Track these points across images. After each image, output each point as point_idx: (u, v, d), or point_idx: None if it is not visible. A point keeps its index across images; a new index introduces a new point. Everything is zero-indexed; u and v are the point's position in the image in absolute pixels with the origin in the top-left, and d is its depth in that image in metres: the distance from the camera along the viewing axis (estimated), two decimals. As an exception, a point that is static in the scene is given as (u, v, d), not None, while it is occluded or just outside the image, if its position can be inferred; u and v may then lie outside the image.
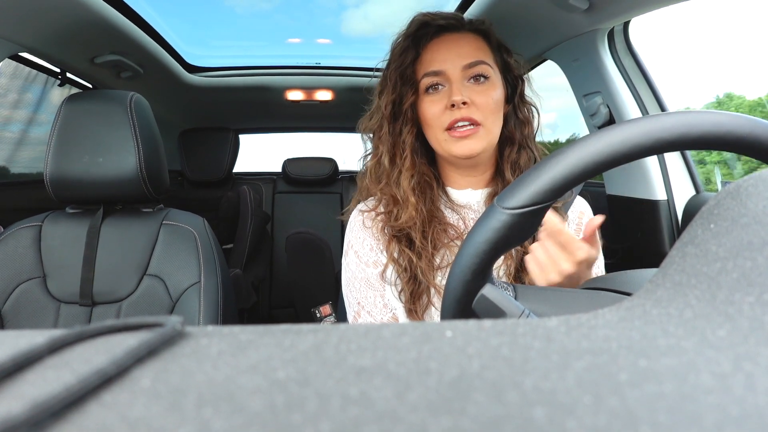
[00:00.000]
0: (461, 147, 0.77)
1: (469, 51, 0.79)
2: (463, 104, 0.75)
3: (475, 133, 0.76)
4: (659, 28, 1.37)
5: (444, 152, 0.80)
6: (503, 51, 0.84)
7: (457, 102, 0.75)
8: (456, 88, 0.76)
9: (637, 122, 0.38)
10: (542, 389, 0.15)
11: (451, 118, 0.76)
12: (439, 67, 0.78)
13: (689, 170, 1.31)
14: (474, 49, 0.79)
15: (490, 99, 0.77)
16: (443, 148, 0.79)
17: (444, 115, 0.77)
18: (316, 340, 0.19)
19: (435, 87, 0.79)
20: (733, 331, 0.18)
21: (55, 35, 1.36)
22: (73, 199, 1.20)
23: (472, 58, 0.78)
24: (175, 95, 2.30)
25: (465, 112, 0.75)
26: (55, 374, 0.16)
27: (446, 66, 0.78)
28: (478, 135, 0.76)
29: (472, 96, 0.76)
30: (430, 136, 0.81)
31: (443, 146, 0.79)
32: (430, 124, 0.79)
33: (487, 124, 0.77)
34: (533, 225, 0.41)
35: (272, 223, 2.79)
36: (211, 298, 1.14)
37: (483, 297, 0.42)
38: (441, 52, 0.79)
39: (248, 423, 0.14)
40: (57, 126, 1.14)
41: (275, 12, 2.49)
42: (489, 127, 0.78)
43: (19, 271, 1.14)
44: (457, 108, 0.76)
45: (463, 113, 0.75)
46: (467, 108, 0.76)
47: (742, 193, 0.25)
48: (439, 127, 0.78)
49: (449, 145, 0.78)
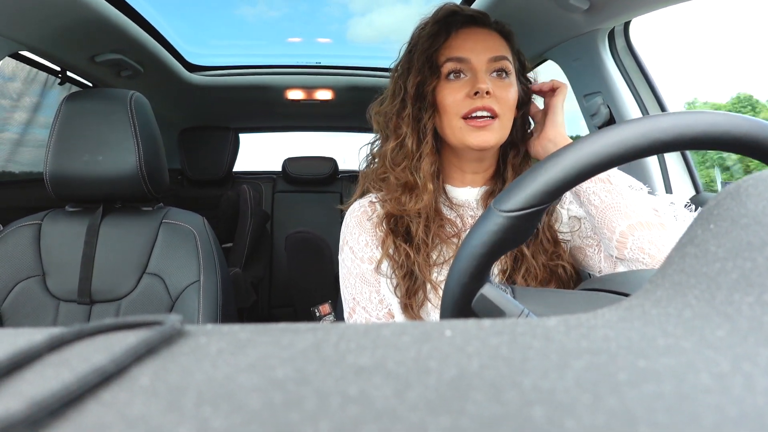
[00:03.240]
0: (476, 137, 0.76)
1: (495, 46, 0.79)
2: (486, 93, 0.75)
3: (492, 125, 0.76)
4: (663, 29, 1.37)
5: (457, 141, 0.79)
6: (522, 57, 0.86)
7: (482, 90, 0.75)
8: (481, 77, 0.77)
9: (633, 123, 0.38)
10: (541, 389, 0.15)
11: (471, 105, 0.76)
12: (466, 54, 0.78)
13: (689, 170, 1.31)
14: (499, 46, 0.80)
15: (510, 94, 0.78)
16: (457, 136, 0.78)
17: (464, 102, 0.77)
18: (315, 338, 0.19)
19: (457, 74, 0.79)
20: (733, 332, 0.18)
21: (56, 33, 1.36)
22: (73, 198, 1.20)
23: (498, 53, 0.79)
24: (176, 94, 2.29)
25: (487, 102, 0.76)
26: (54, 372, 0.16)
27: (472, 55, 0.78)
28: (494, 127, 0.77)
29: (494, 87, 0.77)
30: (444, 123, 0.80)
31: (457, 134, 0.78)
32: (447, 111, 0.79)
33: (504, 119, 0.78)
34: (530, 227, 0.41)
35: (272, 223, 2.79)
36: (211, 296, 1.14)
37: (482, 296, 0.42)
38: (468, 41, 0.79)
39: (247, 421, 0.14)
40: (57, 124, 1.14)
41: (283, 20, 2.50)
42: (504, 122, 0.78)
43: (18, 270, 1.14)
44: (480, 97, 0.76)
45: (485, 102, 0.76)
46: (489, 98, 0.76)
47: (742, 194, 0.25)
48: (457, 114, 0.77)
49: (464, 134, 0.77)
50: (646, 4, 1.08)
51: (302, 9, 2.45)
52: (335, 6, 2.36)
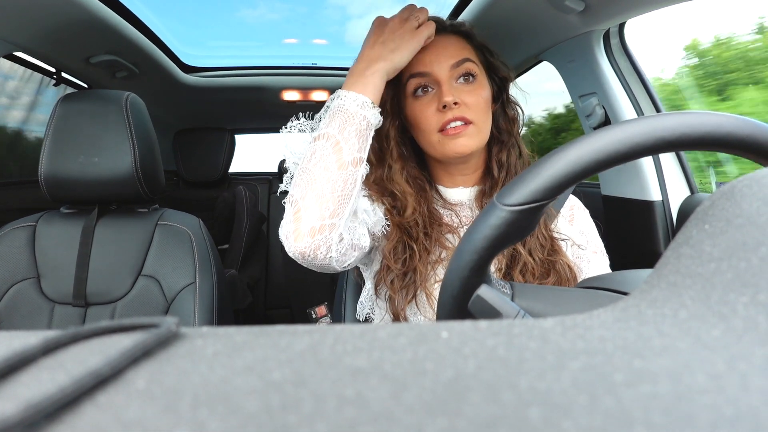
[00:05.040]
0: (455, 145, 0.77)
1: (455, 51, 0.79)
2: (454, 104, 0.75)
3: (467, 130, 0.76)
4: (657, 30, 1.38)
5: (438, 154, 0.80)
6: (486, 52, 0.85)
7: (448, 103, 0.75)
8: (446, 89, 0.76)
9: (638, 121, 0.38)
10: (538, 390, 0.15)
11: (443, 119, 0.76)
12: (427, 68, 0.78)
13: (684, 171, 1.32)
14: (459, 49, 0.80)
15: (479, 98, 0.78)
16: (437, 150, 0.79)
17: (435, 117, 0.77)
18: (312, 340, 0.19)
19: (424, 89, 0.79)
20: (728, 332, 0.18)
21: (50, 35, 1.35)
22: (68, 199, 1.20)
23: (458, 57, 0.78)
24: (171, 95, 2.29)
25: (457, 112, 0.76)
26: (50, 375, 0.16)
27: (433, 67, 0.78)
28: (469, 132, 0.77)
29: (461, 96, 0.77)
30: (422, 140, 0.81)
31: (437, 148, 0.79)
32: (422, 129, 0.79)
33: (479, 123, 0.78)
34: (532, 222, 0.41)
35: (268, 224, 2.79)
36: (207, 298, 1.14)
37: (479, 297, 0.42)
38: (427, 53, 0.78)
39: (244, 424, 0.14)
40: (52, 126, 1.13)
41: (281, 21, 2.50)
42: (480, 125, 0.78)
43: (13, 272, 1.13)
44: (449, 109, 0.76)
45: (455, 113, 0.76)
46: (458, 108, 0.76)
47: (736, 194, 0.25)
48: (432, 130, 0.78)
49: (442, 146, 0.78)
50: (641, 6, 1.09)
51: (301, 11, 2.44)
52: (334, 8, 2.36)
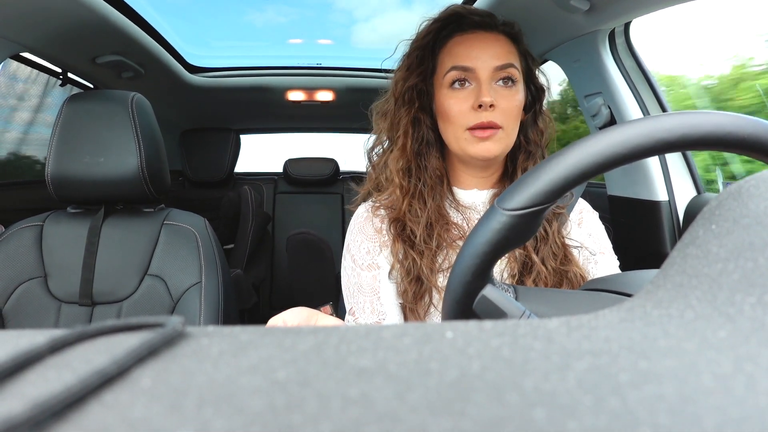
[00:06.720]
0: (479, 148, 0.75)
1: (501, 52, 0.76)
2: (490, 107, 0.74)
3: (495, 135, 0.75)
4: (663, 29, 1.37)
5: (460, 150, 0.78)
6: (529, 58, 0.83)
7: (485, 103, 0.73)
8: (485, 89, 0.74)
9: (637, 123, 0.38)
10: (543, 390, 0.15)
11: (477, 119, 0.74)
12: (471, 63, 0.76)
13: (690, 171, 1.31)
14: (506, 52, 0.77)
15: (514, 104, 0.76)
16: (460, 146, 0.77)
17: (470, 115, 0.75)
18: (317, 340, 0.19)
19: (462, 82, 0.77)
20: (734, 332, 0.18)
21: (57, 35, 1.36)
22: (75, 199, 1.20)
23: (504, 60, 0.76)
24: (177, 95, 2.30)
25: (490, 116, 0.74)
26: (56, 374, 0.16)
27: (478, 64, 0.75)
28: (497, 137, 0.75)
29: (498, 99, 0.75)
30: (447, 132, 0.79)
31: (461, 144, 0.77)
32: (452, 121, 0.77)
33: (507, 129, 0.76)
34: (533, 226, 0.41)
35: (273, 224, 2.79)
36: (212, 298, 1.14)
37: (484, 298, 0.42)
38: (474, 48, 0.76)
39: (248, 423, 0.14)
40: (58, 126, 1.14)
41: (289, 25, 2.52)
42: (508, 131, 0.76)
43: (20, 271, 1.14)
44: (485, 109, 0.74)
45: (488, 117, 0.74)
46: (492, 111, 0.74)
47: (743, 194, 0.25)
48: (462, 125, 0.76)
49: (467, 145, 0.76)
50: (646, 5, 1.08)
51: (308, 15, 2.46)
52: (340, 12, 2.38)
